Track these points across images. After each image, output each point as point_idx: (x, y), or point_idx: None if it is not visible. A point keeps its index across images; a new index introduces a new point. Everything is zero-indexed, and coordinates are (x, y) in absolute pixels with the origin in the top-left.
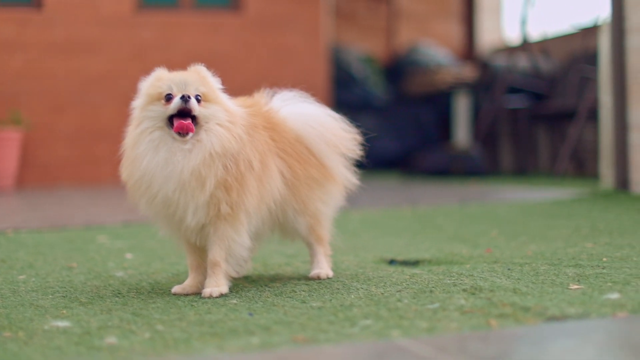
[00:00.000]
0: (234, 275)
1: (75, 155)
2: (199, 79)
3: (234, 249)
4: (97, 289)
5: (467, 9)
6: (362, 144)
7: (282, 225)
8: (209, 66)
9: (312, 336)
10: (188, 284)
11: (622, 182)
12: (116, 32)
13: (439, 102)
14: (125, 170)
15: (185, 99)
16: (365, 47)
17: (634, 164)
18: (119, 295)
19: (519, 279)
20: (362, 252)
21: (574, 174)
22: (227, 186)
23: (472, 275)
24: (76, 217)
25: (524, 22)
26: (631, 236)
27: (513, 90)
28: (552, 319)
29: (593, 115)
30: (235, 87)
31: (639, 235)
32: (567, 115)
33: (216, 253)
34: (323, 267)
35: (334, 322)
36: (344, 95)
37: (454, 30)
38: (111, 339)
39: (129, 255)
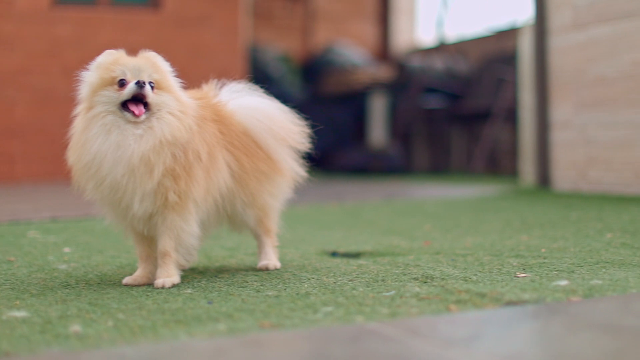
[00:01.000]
0: (184, 264)
1: None
2: (152, 66)
3: (184, 238)
4: (44, 281)
5: (382, 10)
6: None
7: (230, 218)
8: None
9: (277, 322)
10: (139, 275)
11: (544, 179)
12: (31, 28)
13: (355, 102)
14: (74, 154)
15: (140, 84)
16: (281, 46)
17: (555, 161)
18: (68, 286)
19: (465, 268)
20: (302, 245)
21: (489, 172)
22: (175, 175)
23: (419, 266)
24: (1, 213)
25: (440, 24)
26: (562, 229)
27: (429, 90)
28: (510, 303)
29: (509, 115)
30: None
31: (569, 228)
32: (482, 116)
33: (166, 243)
34: (271, 259)
35: (295, 309)
36: None
37: (369, 31)
38: (75, 328)
39: (67, 249)
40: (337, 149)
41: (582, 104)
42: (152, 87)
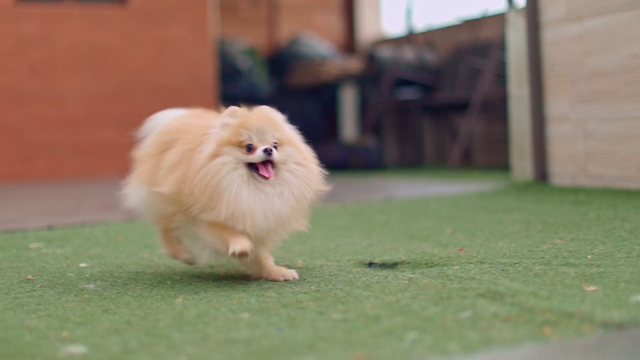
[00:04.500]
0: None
1: None
2: (273, 125)
3: None
4: (79, 305)
5: (346, 1)
6: None
7: None
8: (93, 60)
9: (369, 354)
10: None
11: (542, 174)
12: None
13: (324, 95)
14: (205, 189)
15: (268, 152)
16: (247, 39)
17: (552, 156)
18: (110, 312)
19: (525, 281)
20: (331, 254)
21: (462, 166)
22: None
23: (473, 278)
24: None
25: (409, 14)
26: (589, 230)
27: (401, 82)
28: (606, 325)
29: (484, 107)
30: (121, 81)
31: (596, 229)
32: (456, 107)
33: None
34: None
35: (376, 336)
36: (230, 88)
37: (334, 22)
38: None
39: (83, 264)
40: (311, 143)
41: (580, 97)
42: (276, 147)
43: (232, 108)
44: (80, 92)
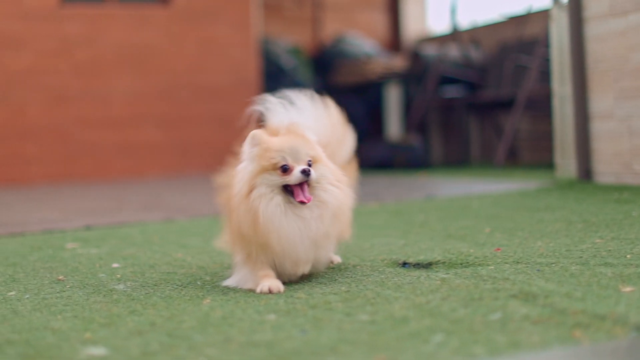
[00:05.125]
0: None
1: (1, 154)
2: (306, 144)
3: None
4: (106, 305)
5: None
6: None
7: None
8: (137, 60)
9: (392, 357)
10: (279, 284)
11: (585, 172)
12: (41, 26)
13: (369, 93)
14: (261, 235)
15: (306, 173)
16: (292, 38)
17: (596, 153)
18: (136, 312)
19: (559, 281)
20: (365, 253)
21: (509, 164)
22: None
23: (507, 279)
24: (31, 221)
25: (453, 11)
26: (631, 229)
27: (446, 80)
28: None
29: (529, 104)
30: (165, 81)
31: (638, 228)
32: (502, 105)
33: None
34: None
35: (401, 338)
36: (274, 87)
37: (379, 21)
38: None
39: (115, 265)
40: (360, 143)
41: (624, 93)
42: (311, 165)
43: (253, 134)
44: (124, 93)
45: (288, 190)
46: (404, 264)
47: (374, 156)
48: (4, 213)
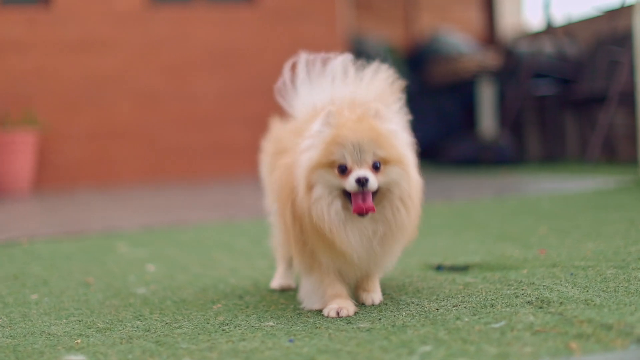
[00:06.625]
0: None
1: (91, 155)
2: (376, 139)
3: None
4: (116, 309)
5: None
6: None
7: None
8: (225, 60)
9: None
10: (349, 305)
11: None
12: (129, 29)
13: (463, 91)
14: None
15: (361, 182)
16: (384, 36)
17: None
18: (140, 317)
19: (586, 286)
20: (405, 256)
21: (606, 161)
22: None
23: (533, 284)
24: (94, 223)
25: (547, 6)
26: None
27: (539, 76)
28: None
29: (625, 99)
30: (253, 80)
31: None
32: (596, 100)
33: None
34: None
35: (388, 348)
36: None
37: (474, 16)
38: None
39: (150, 267)
40: (447, 140)
41: None
42: (379, 167)
43: (329, 110)
44: (212, 93)
45: (348, 196)
46: (439, 267)
47: (461, 153)
48: (71, 214)
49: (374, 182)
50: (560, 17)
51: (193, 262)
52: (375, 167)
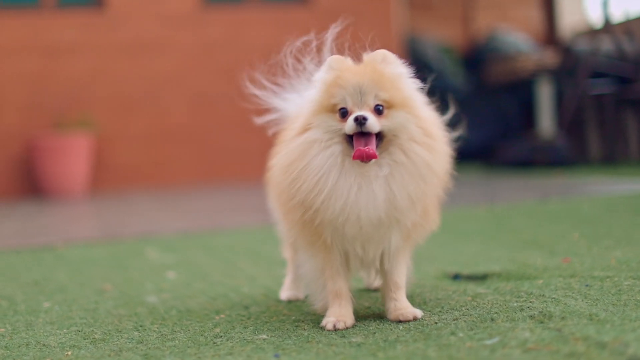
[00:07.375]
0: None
1: (146, 158)
2: (378, 82)
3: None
4: (119, 319)
5: None
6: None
7: None
8: (278, 62)
9: None
10: (347, 315)
11: None
12: (182, 31)
13: (521, 90)
14: (288, 179)
15: (360, 121)
16: (441, 36)
17: None
18: (139, 328)
19: (597, 299)
20: (424, 264)
21: None
22: (425, 210)
23: (543, 296)
24: (131, 226)
25: (605, 3)
26: None
27: (597, 74)
28: None
29: None
30: None
31: None
32: None
33: (402, 275)
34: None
35: None
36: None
37: (533, 14)
38: None
39: (170, 274)
40: (504, 141)
41: None
42: (381, 111)
43: (333, 57)
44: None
45: (351, 141)
46: (456, 277)
47: (515, 155)
48: (113, 217)
49: (374, 122)
50: (618, 14)
51: (215, 269)
52: (378, 111)
